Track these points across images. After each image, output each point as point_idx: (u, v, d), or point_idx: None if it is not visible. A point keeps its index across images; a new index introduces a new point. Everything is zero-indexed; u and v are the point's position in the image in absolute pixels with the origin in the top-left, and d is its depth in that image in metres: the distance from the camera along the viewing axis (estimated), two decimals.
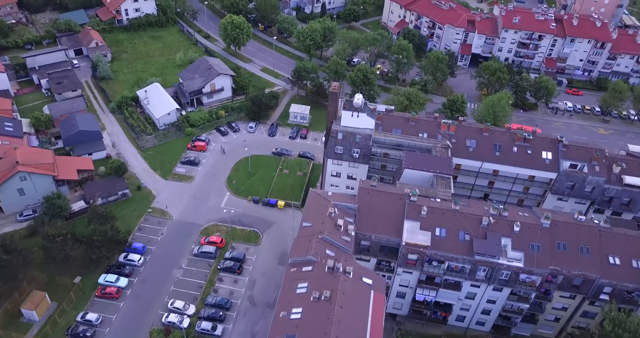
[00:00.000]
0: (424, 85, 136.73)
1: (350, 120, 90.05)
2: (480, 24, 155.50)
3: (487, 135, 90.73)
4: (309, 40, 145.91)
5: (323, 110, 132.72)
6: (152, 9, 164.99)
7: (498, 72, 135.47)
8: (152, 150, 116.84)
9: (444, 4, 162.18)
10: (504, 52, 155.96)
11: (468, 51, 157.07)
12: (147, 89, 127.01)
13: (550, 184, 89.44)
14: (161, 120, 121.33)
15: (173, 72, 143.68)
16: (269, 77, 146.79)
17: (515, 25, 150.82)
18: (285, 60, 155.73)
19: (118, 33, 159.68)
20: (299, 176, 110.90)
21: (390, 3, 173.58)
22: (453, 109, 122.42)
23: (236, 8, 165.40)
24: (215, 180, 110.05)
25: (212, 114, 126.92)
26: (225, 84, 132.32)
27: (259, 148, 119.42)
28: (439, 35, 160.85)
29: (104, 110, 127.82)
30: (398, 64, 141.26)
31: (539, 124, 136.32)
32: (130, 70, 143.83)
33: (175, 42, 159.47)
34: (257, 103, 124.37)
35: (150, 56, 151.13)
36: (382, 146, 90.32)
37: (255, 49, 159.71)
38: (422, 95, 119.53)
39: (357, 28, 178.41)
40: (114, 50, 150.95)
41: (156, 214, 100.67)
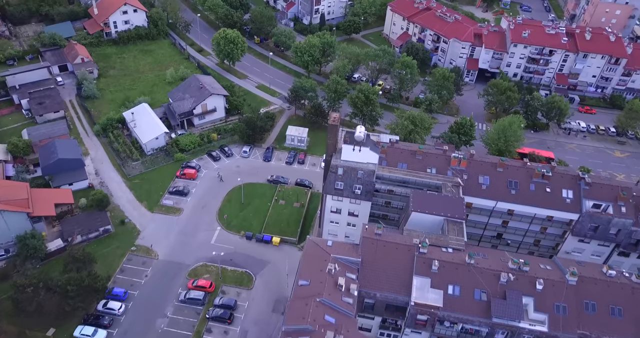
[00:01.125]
0: (429, 104, 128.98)
1: (352, 155, 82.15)
2: (487, 38, 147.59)
3: (501, 171, 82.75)
4: (307, 56, 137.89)
5: (322, 131, 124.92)
6: (143, 21, 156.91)
7: (508, 91, 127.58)
8: (138, 178, 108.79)
9: (449, 16, 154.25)
10: (512, 67, 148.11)
11: (475, 66, 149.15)
12: (134, 111, 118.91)
13: (571, 225, 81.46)
14: (149, 145, 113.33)
15: (163, 89, 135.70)
16: (265, 95, 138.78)
17: (525, 39, 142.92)
18: (282, 75, 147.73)
19: (106, 47, 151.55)
20: (296, 208, 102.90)
21: (392, 14, 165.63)
22: (461, 133, 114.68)
23: (231, 20, 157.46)
24: (206, 212, 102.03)
25: (204, 137, 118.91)
26: (218, 104, 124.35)
27: (253, 175, 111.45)
28: (444, 49, 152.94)
29: (88, 133, 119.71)
30: (401, 81, 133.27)
31: (550, 146, 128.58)
32: (118, 87, 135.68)
33: (166, 56, 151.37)
34: (251, 126, 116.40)
35: (140, 72, 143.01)
36: (387, 183, 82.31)
37: (250, 63, 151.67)
38: (427, 119, 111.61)
39: (357, 40, 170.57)
40: (101, 65, 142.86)
41: (140, 253, 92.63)
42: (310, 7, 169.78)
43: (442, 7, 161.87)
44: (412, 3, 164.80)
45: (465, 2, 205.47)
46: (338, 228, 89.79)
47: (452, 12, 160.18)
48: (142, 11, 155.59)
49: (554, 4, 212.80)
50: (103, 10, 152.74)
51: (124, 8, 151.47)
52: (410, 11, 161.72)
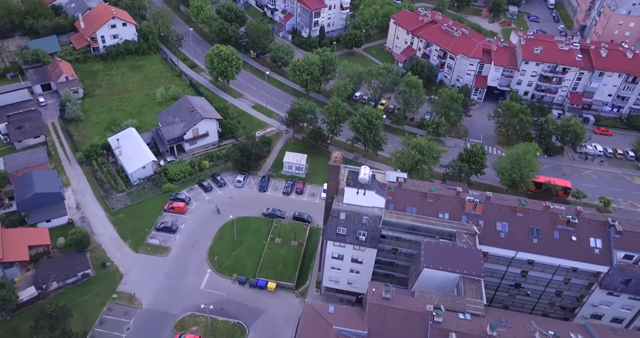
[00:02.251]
0: (436, 127, 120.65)
1: (355, 198, 73.91)
2: (497, 54, 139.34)
3: (521, 216, 74.55)
4: (306, 74, 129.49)
5: (321, 157, 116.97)
6: (132, 35, 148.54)
7: (520, 113, 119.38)
8: (123, 212, 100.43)
9: (456, 31, 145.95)
10: (523, 85, 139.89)
11: (483, 84, 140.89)
12: (120, 136, 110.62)
13: (599, 277, 73.23)
14: (135, 175, 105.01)
15: (152, 110, 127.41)
16: (261, 115, 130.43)
17: (537, 56, 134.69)
18: (279, 94, 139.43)
19: (93, 63, 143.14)
20: (294, 246, 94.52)
21: (395, 28, 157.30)
22: (471, 161, 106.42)
23: (225, 34, 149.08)
24: (195, 252, 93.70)
25: (195, 165, 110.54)
26: (211, 128, 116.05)
27: (248, 207, 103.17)
28: (450, 66, 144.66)
29: (71, 161, 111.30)
30: (406, 102, 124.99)
31: (566, 173, 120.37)
32: (104, 108, 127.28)
33: (157, 72, 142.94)
34: (246, 153, 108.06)
35: (128, 91, 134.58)
36: (395, 229, 74.09)
37: (246, 80, 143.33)
38: (435, 147, 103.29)
39: (359, 54, 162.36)
40: (87, 84, 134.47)
41: (122, 301, 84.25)
42: (309, 19, 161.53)
43: (448, 21, 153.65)
44: (416, 16, 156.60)
45: (471, 13, 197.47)
46: (340, 274, 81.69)
47: (458, 25, 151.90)
48: (131, 25, 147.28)
49: (563, 14, 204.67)
50: (90, 24, 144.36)
51: (112, 22, 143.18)
52: (415, 24, 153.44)
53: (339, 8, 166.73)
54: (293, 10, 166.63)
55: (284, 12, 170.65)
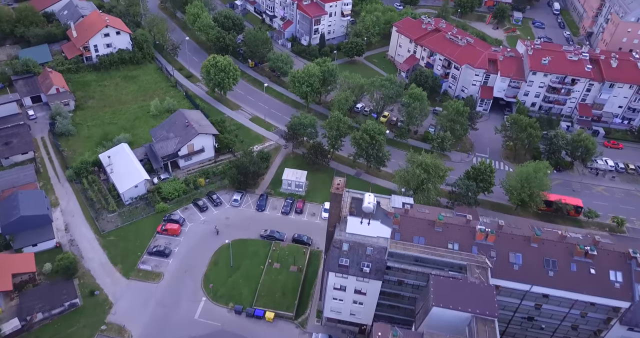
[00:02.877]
0: (441, 142, 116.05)
1: (359, 228, 69.22)
2: (503, 64, 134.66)
3: (535, 247, 69.88)
4: (306, 86, 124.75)
5: (322, 173, 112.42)
6: (127, 44, 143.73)
7: (529, 127, 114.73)
8: (114, 234, 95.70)
9: (461, 40, 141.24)
10: (530, 96, 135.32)
11: (489, 95, 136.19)
12: (111, 153, 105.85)
13: (619, 312, 68.59)
14: (127, 194, 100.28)
15: (146, 123, 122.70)
16: (260, 129, 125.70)
17: (545, 67, 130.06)
18: (278, 105, 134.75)
19: (86, 73, 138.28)
20: (293, 272, 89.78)
21: (398, 36, 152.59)
22: (479, 180, 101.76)
23: (222, 43, 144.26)
24: (189, 277, 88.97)
25: (190, 183, 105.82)
26: (207, 144, 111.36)
27: (244, 229, 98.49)
28: (455, 76, 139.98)
29: (60, 178, 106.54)
30: (410, 115, 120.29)
31: (576, 189, 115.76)
32: (96, 121, 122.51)
33: (151, 83, 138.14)
34: (243, 171, 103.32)
35: (122, 103, 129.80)
36: (401, 261, 69.42)
37: (244, 90, 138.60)
38: (441, 166, 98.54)
39: (360, 63, 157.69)
40: (79, 95, 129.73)
41: (112, 333, 79.59)
42: (309, 27, 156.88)
43: (453, 29, 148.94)
44: (419, 23, 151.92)
45: (475, 19, 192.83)
46: (342, 305, 77.03)
47: (463, 34, 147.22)
48: (125, 33, 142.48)
49: (568, 20, 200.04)
50: (82, 33, 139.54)
51: (105, 30, 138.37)
52: (418, 32, 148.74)
53: (340, 15, 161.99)
54: (292, 18, 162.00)
55: (283, 19, 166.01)
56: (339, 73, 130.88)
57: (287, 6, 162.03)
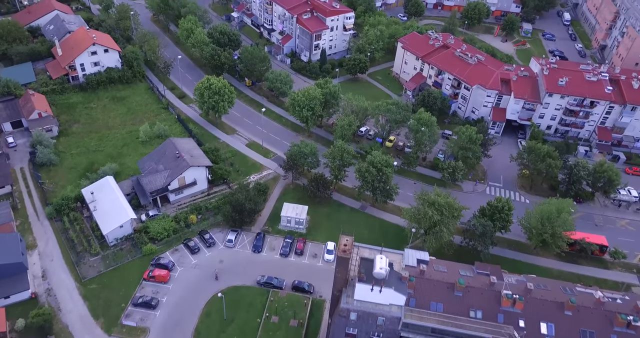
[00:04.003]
0: (452, 172, 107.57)
1: (369, 295, 60.65)
2: (517, 85, 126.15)
3: (570, 315, 61.35)
4: (307, 110, 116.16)
5: (324, 207, 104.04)
6: (115, 62, 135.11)
7: (547, 158, 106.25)
8: (96, 281, 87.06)
9: (471, 57, 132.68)
10: (545, 119, 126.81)
11: (501, 117, 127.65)
12: (95, 188, 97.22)
13: None
14: (111, 236, 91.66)
15: (135, 151, 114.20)
16: (257, 155, 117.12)
17: (562, 88, 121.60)
18: (277, 129, 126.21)
19: (71, 94, 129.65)
20: (293, 327, 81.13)
21: (403, 52, 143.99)
22: (495, 218, 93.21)
23: (218, 61, 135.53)
24: (178, 333, 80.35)
25: (180, 220, 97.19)
26: (199, 176, 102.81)
27: (240, 273, 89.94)
28: (465, 97, 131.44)
29: (39, 215, 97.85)
30: (418, 142, 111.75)
31: (598, 223, 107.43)
32: (81, 149, 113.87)
33: (141, 105, 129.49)
34: (238, 208, 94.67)
35: (109, 127, 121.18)
36: (417, 332, 60.84)
37: (240, 112, 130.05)
38: (455, 205, 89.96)
39: (363, 80, 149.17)
40: (64, 119, 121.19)
41: None
42: (309, 42, 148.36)
43: (462, 45, 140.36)
44: (426, 39, 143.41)
45: (482, 31, 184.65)
46: None
47: (473, 51, 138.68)
48: (114, 51, 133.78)
49: (580, 31, 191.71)
50: (68, 51, 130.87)
51: (92, 48, 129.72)
52: (425, 49, 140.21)
53: (342, 29, 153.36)
54: (292, 32, 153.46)
55: (281, 33, 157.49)
56: (342, 93, 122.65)
57: (286, 20, 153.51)
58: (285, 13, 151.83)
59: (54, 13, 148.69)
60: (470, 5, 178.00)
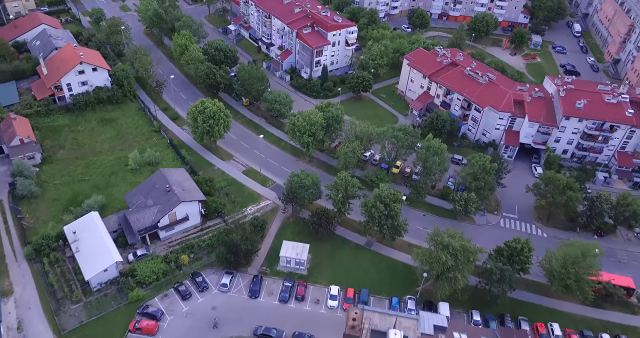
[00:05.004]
0: (465, 205, 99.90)
1: None
2: (531, 107, 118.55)
3: None
4: (308, 135, 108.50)
5: (327, 245, 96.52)
6: (105, 81, 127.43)
7: (568, 190, 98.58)
8: (76, 333, 79.17)
9: (481, 76, 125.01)
10: (562, 143, 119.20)
11: (514, 141, 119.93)
12: (78, 226, 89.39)
13: None
14: (94, 281, 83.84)
15: (123, 180, 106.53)
16: (254, 184, 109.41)
17: (580, 111, 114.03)
18: (276, 154, 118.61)
19: (57, 116, 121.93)
20: None
21: (409, 70, 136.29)
22: (513, 261, 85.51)
23: (213, 80, 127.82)
24: None
25: (171, 261, 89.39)
26: (192, 211, 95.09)
27: (235, 322, 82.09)
28: (475, 119, 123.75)
29: (17, 256, 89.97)
30: (427, 171, 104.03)
31: (621, 259, 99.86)
32: (66, 178, 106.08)
33: (132, 127, 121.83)
34: (234, 250, 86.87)
35: (96, 153, 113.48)
36: None
37: (237, 134, 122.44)
38: (471, 248, 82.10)
39: (366, 98, 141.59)
40: (48, 145, 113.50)
41: None
42: (309, 58, 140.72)
43: (471, 62, 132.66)
44: (433, 56, 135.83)
45: (490, 43, 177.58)
46: None
47: (483, 68, 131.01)
48: (103, 69, 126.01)
49: (591, 43, 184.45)
50: (54, 70, 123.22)
51: (79, 67, 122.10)
52: (432, 67, 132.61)
53: (344, 44, 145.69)
54: (291, 47, 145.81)
55: (281, 48, 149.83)
56: (344, 114, 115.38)
57: (285, 35, 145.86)
58: (284, 27, 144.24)
59: (41, 27, 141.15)
60: (478, 17, 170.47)
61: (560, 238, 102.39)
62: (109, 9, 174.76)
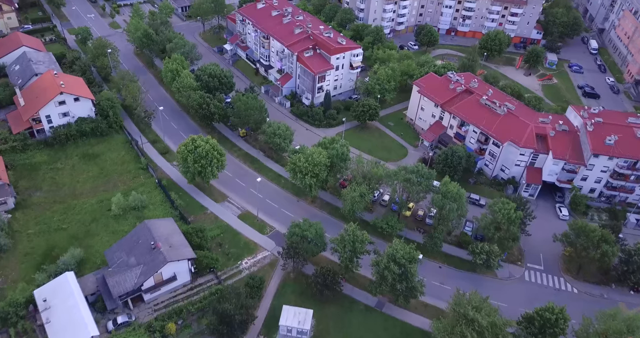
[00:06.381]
0: (487, 258, 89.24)
1: None
2: (555, 141, 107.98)
3: None
4: (310, 176, 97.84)
5: (334, 307, 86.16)
6: (88, 111, 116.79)
7: (603, 243, 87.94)
8: None
9: (499, 107, 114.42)
10: (589, 181, 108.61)
11: (537, 180, 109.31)
12: (50, 291, 78.50)
13: None
14: None
15: (105, 228, 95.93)
16: (251, 231, 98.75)
17: (611, 149, 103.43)
18: (275, 193, 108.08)
19: (35, 152, 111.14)
20: None
21: (420, 97, 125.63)
22: (546, 333, 74.77)
23: (206, 110, 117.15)
24: None
25: (156, 331, 78.49)
26: (180, 269, 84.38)
27: None
28: (493, 153, 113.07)
29: None
30: (444, 218, 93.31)
31: None
32: (41, 227, 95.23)
33: (117, 163, 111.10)
34: (226, 320, 76.06)
35: (76, 195, 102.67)
36: None
37: (232, 170, 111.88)
38: (499, 322, 71.30)
39: (373, 127, 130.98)
40: (23, 187, 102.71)
41: None
42: (311, 84, 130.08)
43: (487, 89, 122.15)
44: (446, 82, 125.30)
45: (502, 62, 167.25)
46: None
47: (501, 97, 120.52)
48: (86, 99, 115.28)
49: (608, 61, 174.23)
50: (32, 101, 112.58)
51: (60, 98, 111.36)
52: (445, 94, 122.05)
53: (348, 67, 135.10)
54: (292, 71, 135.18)
55: (280, 71, 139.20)
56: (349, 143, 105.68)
57: (285, 57, 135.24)
58: (284, 49, 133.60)
59: (21, 50, 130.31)
60: (490, 36, 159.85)
61: (593, 294, 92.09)
62: (97, 25, 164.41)
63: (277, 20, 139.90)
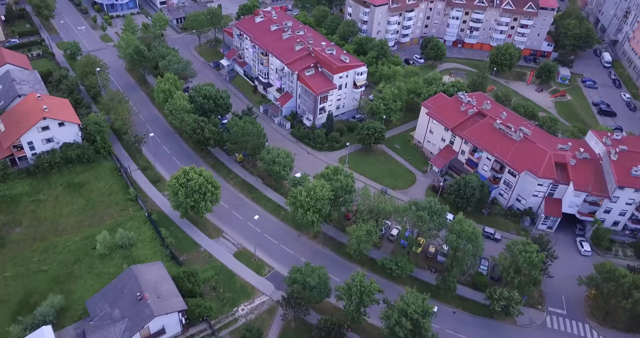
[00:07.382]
0: (506, 305, 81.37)
1: None
2: (576, 171, 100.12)
3: None
4: (313, 212, 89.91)
5: None
6: (74, 136, 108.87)
7: (633, 290, 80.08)
8: None
9: (515, 132, 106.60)
10: (613, 214, 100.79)
11: (556, 212, 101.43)
12: None
13: None
14: None
15: (89, 270, 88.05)
16: (248, 272, 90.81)
17: (637, 181, 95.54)
18: (274, 226, 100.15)
19: (16, 182, 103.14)
20: None
21: (428, 120, 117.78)
22: None
23: (200, 135, 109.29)
24: None
25: None
26: (169, 322, 76.42)
27: None
28: (509, 183, 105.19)
29: None
30: (459, 261, 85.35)
31: None
32: (19, 268, 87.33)
33: (104, 194, 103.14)
34: None
35: (59, 231, 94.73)
36: None
37: (228, 201, 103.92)
38: None
39: (378, 150, 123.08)
40: (1, 221, 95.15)
41: None
42: (313, 104, 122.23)
43: (501, 112, 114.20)
44: (456, 104, 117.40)
45: (513, 77, 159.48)
46: None
47: (515, 120, 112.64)
48: (72, 124, 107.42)
49: (624, 75, 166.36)
50: (13, 127, 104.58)
51: (43, 123, 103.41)
52: (455, 117, 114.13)
53: (352, 86, 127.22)
54: (292, 90, 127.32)
55: (280, 90, 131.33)
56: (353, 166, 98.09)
57: (285, 76, 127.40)
58: (284, 67, 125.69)
59: (5, 69, 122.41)
60: (500, 50, 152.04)
61: None
62: (88, 38, 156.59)
63: (276, 35, 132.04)
